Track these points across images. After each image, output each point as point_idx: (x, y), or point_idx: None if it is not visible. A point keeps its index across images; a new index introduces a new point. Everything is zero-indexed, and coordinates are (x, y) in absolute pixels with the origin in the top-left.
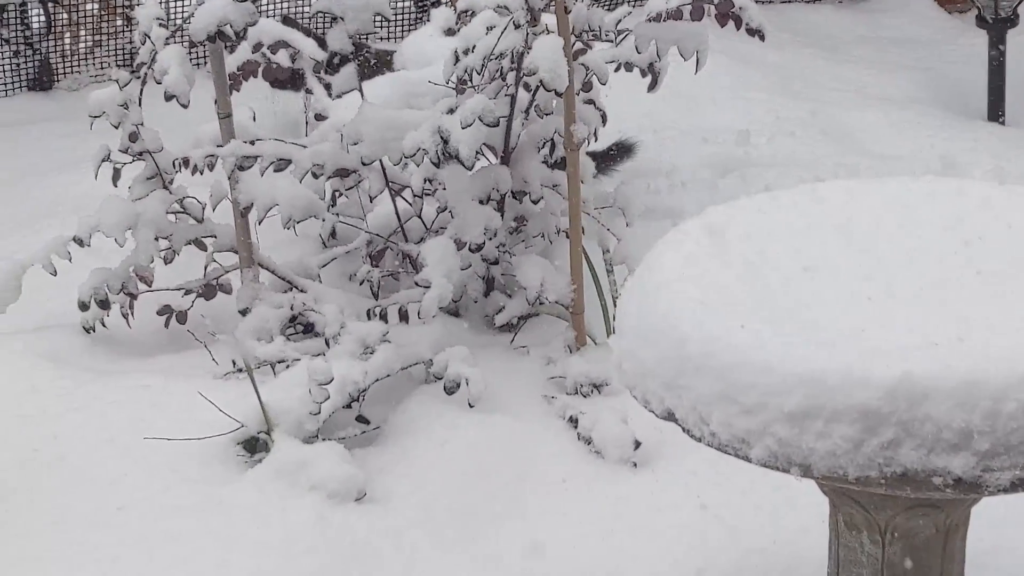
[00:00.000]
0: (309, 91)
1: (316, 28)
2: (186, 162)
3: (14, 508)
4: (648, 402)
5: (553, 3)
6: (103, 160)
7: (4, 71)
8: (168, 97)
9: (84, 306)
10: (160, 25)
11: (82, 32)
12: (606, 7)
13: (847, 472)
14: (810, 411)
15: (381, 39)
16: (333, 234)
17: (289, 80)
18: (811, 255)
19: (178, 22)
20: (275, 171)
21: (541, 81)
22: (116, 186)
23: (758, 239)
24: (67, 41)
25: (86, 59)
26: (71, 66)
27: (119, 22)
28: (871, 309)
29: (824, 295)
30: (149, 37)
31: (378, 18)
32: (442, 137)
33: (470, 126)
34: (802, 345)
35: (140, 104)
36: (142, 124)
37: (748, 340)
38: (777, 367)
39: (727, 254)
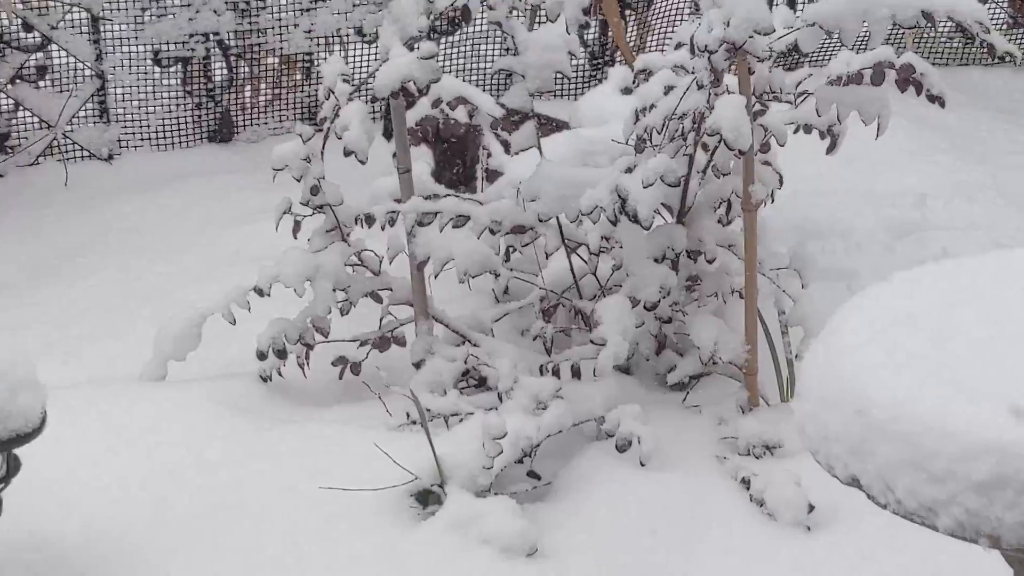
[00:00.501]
0: (485, 148)
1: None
2: (369, 219)
3: (200, 556)
4: (832, 467)
5: (735, 64)
6: (284, 212)
7: (187, 123)
8: (347, 153)
9: (263, 355)
10: (344, 81)
11: (262, 86)
12: (784, 67)
13: None
14: (1000, 481)
15: (555, 96)
16: (506, 289)
17: (462, 137)
18: (1000, 322)
19: (359, 78)
20: (453, 227)
21: (724, 141)
22: (296, 238)
23: (945, 304)
24: (247, 94)
25: (265, 112)
26: (251, 119)
27: (298, 76)
28: None
29: (1013, 363)
30: (333, 92)
31: (557, 76)
32: (620, 196)
33: (651, 185)
34: (991, 413)
35: (322, 158)
36: (323, 178)
37: (935, 406)
38: (965, 434)
39: (913, 319)
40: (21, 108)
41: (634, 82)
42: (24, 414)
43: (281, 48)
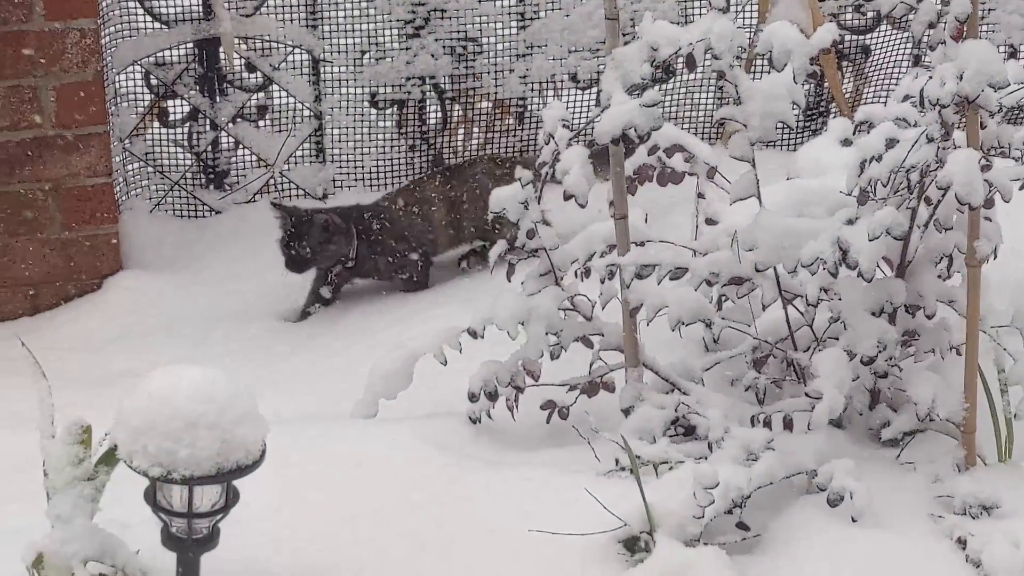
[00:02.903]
0: (701, 195)
1: None
2: (587, 273)
3: None
4: None
5: (964, 118)
6: (499, 255)
7: (399, 164)
8: (567, 196)
9: (474, 397)
10: (564, 126)
11: (475, 130)
12: (1010, 121)
13: None
14: None
15: (767, 147)
16: (715, 338)
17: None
18: None
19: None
20: (671, 279)
21: (956, 195)
22: (510, 281)
23: None
24: (460, 138)
25: (477, 155)
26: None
27: (510, 121)
28: None
29: None
30: (553, 137)
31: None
32: (841, 247)
33: (877, 238)
34: None
35: (538, 202)
36: (540, 222)
37: None
38: None
39: None
40: (241, 146)
41: (854, 133)
42: (245, 446)
43: (495, 93)
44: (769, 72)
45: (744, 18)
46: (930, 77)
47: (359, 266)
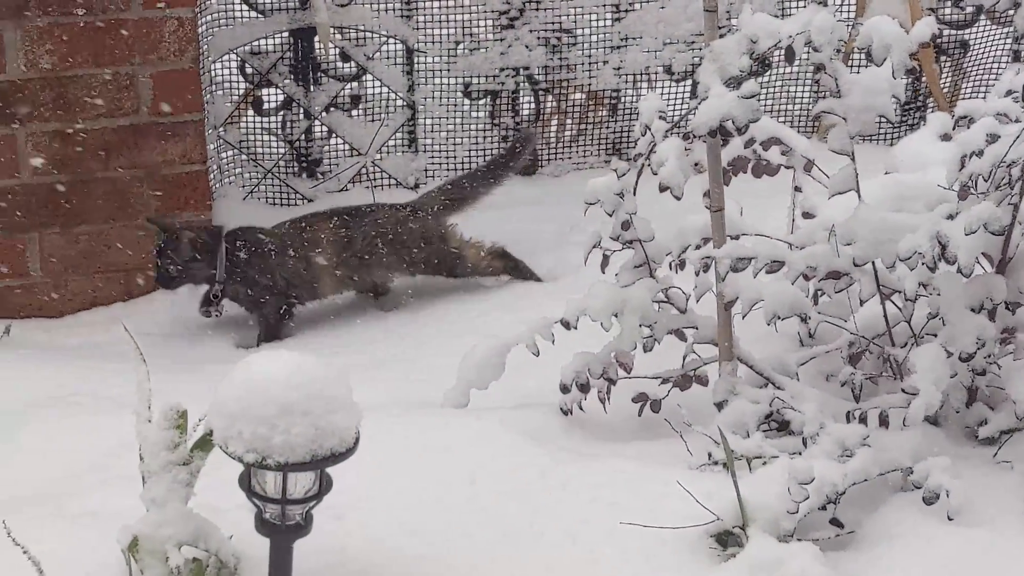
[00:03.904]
0: (798, 188)
1: None
2: (682, 264)
3: None
4: None
5: None
6: (594, 246)
7: (491, 154)
8: (663, 188)
9: (565, 388)
10: (660, 118)
11: (568, 121)
12: None
13: None
14: None
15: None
16: (811, 333)
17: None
18: None
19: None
20: (767, 273)
21: None
22: (604, 272)
23: None
24: (553, 129)
25: (570, 147)
26: (554, 154)
27: (603, 113)
28: None
29: None
30: (649, 129)
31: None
32: (940, 242)
33: (973, 233)
34: None
35: (634, 193)
36: (635, 213)
37: None
38: None
39: None
40: (334, 135)
41: (953, 128)
42: (339, 433)
43: (589, 84)
44: (866, 66)
45: (842, 11)
46: None
47: (226, 288)
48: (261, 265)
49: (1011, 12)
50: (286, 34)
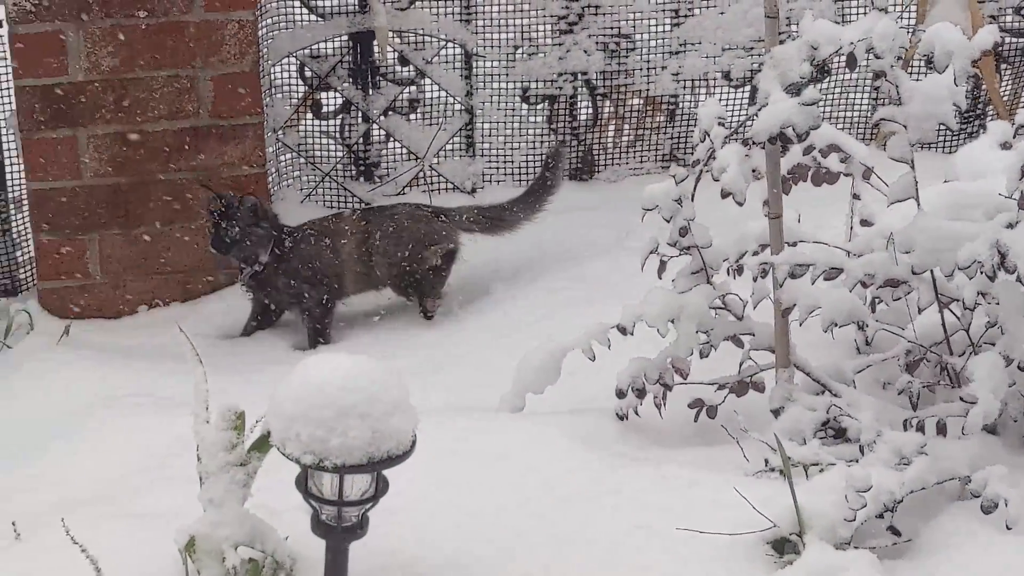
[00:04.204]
0: (857, 196)
1: None
2: (740, 271)
3: None
4: None
5: None
6: (651, 252)
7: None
8: (725, 194)
9: (621, 394)
10: (719, 124)
11: (625, 127)
12: None
13: None
14: None
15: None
16: (868, 340)
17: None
18: None
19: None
20: (825, 280)
21: None
22: (660, 278)
23: None
24: (610, 134)
25: (626, 152)
26: (611, 159)
27: (661, 118)
28: None
29: None
30: (708, 135)
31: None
32: (999, 251)
33: None
34: None
35: (692, 199)
36: (693, 219)
37: None
38: None
39: None
40: (392, 139)
41: (1014, 136)
42: (396, 436)
43: (647, 90)
44: (926, 74)
45: (902, 18)
46: None
47: (266, 277)
48: (300, 255)
49: None
50: (345, 38)
